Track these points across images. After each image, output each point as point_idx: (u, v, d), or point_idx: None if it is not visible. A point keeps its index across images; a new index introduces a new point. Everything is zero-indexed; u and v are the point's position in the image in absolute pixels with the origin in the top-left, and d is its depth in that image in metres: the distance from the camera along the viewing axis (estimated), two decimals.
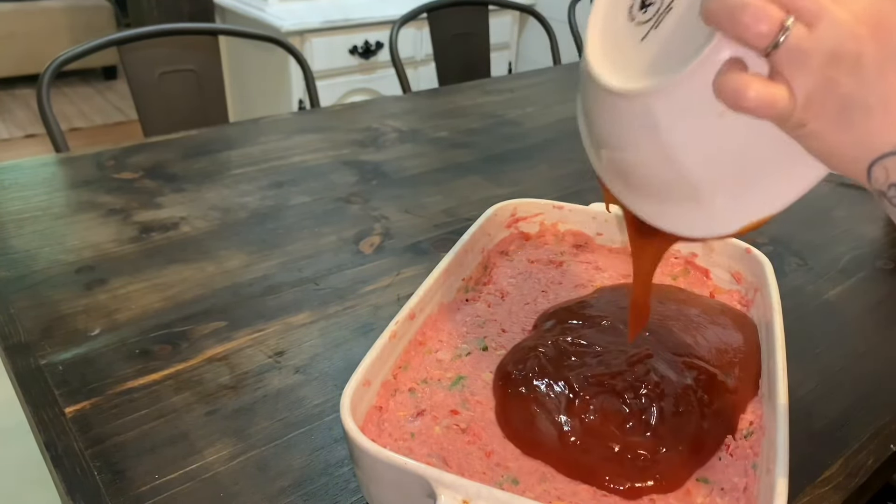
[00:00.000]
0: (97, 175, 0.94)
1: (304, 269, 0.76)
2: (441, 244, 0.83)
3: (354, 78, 2.42)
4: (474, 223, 0.67)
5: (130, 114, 3.24)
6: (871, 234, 0.91)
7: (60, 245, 0.77)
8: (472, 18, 1.77)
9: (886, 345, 0.70)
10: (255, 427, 0.55)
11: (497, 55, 2.41)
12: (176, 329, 0.65)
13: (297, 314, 0.69)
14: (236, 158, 1.02)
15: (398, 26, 1.58)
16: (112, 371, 0.60)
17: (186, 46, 1.29)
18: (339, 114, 1.25)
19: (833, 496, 0.52)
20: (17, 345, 0.62)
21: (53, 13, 3.46)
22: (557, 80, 1.56)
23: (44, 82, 1.09)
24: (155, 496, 0.48)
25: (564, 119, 1.27)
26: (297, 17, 2.24)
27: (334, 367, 0.62)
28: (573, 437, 0.48)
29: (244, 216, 0.86)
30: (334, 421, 0.56)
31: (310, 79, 1.39)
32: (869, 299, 0.77)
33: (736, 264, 0.65)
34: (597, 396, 0.50)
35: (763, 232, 0.89)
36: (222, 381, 0.59)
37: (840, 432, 0.58)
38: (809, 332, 0.70)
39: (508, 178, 1.02)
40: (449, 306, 0.61)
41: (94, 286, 0.71)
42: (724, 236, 0.40)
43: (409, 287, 0.72)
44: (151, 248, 0.78)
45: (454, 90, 1.41)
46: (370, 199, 0.93)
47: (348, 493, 0.50)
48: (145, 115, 1.26)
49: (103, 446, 0.52)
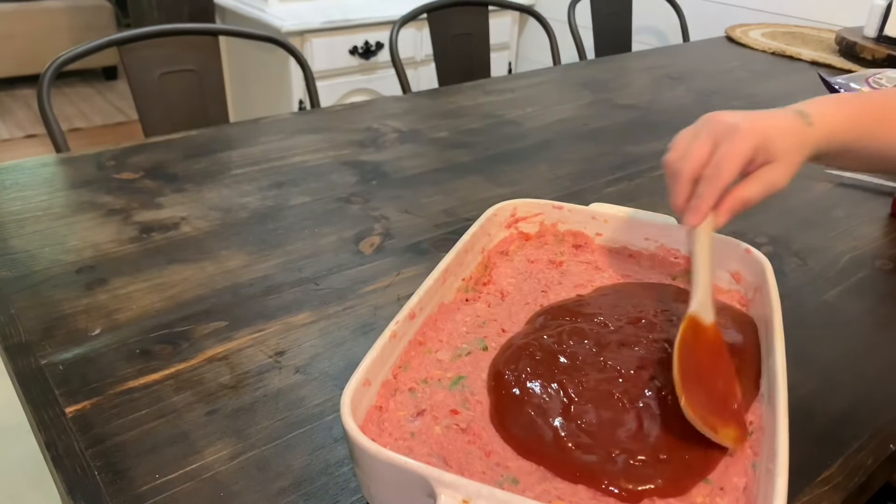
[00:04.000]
0: (97, 175, 0.94)
1: (304, 269, 0.76)
2: (441, 244, 0.83)
3: (354, 78, 2.42)
4: (474, 223, 0.67)
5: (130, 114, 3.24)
6: (870, 234, 0.91)
7: (61, 245, 0.77)
8: (472, 18, 1.77)
9: (886, 345, 0.70)
10: (255, 427, 0.55)
11: (497, 55, 2.41)
12: (176, 329, 0.65)
13: (297, 314, 0.69)
14: (236, 158, 1.02)
15: (398, 26, 1.58)
16: (112, 371, 0.60)
17: (186, 46, 1.29)
18: (339, 114, 1.25)
19: (833, 496, 0.52)
20: (18, 345, 0.62)
21: (53, 13, 3.46)
22: (557, 80, 1.56)
23: (44, 82, 1.09)
24: (155, 496, 0.48)
25: (564, 119, 1.28)
26: (298, 17, 2.24)
27: (334, 367, 0.62)
28: (570, 443, 0.47)
29: (244, 216, 0.86)
30: (334, 421, 0.56)
31: (310, 79, 1.39)
32: (869, 299, 0.77)
33: (736, 264, 0.65)
34: (593, 402, 0.50)
35: (763, 232, 0.89)
36: (222, 381, 0.59)
37: (840, 432, 0.58)
38: (809, 332, 0.70)
39: (508, 178, 1.02)
40: (449, 306, 0.61)
41: (94, 286, 0.71)
42: None
43: (409, 287, 0.72)
44: (152, 248, 0.78)
45: (454, 90, 1.41)
46: (370, 199, 0.93)
47: (348, 493, 0.50)
48: (145, 115, 1.26)
49: (104, 446, 0.52)
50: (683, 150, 0.54)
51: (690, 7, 2.35)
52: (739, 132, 0.52)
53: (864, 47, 1.73)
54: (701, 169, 0.53)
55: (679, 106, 1.40)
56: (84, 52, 1.15)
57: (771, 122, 0.54)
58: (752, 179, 0.54)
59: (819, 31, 2.06)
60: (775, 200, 1.00)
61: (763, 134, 0.53)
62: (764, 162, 0.54)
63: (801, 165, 0.55)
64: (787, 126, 0.54)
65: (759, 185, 0.54)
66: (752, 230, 0.89)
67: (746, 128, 0.52)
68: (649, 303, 0.62)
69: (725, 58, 1.80)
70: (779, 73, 1.69)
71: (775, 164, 0.54)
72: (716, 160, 0.53)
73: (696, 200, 0.54)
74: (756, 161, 0.53)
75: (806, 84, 1.57)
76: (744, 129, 0.52)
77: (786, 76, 1.66)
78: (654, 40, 2.58)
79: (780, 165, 0.54)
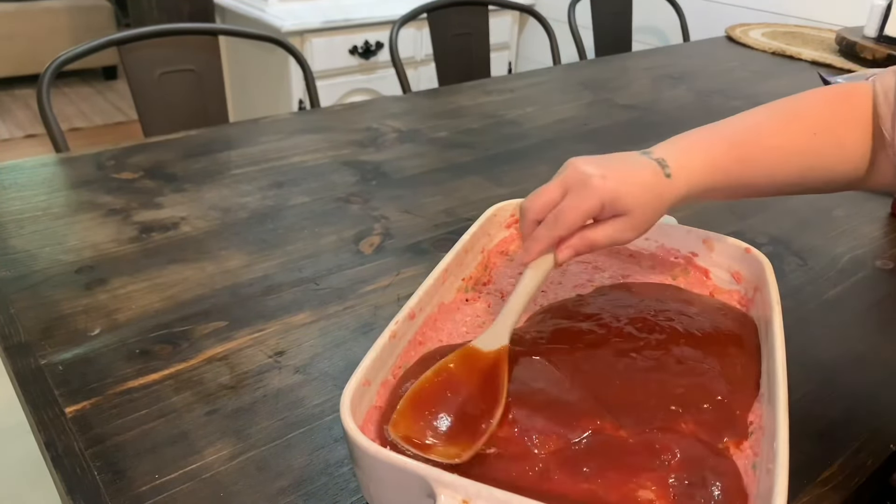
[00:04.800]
0: (97, 175, 0.94)
1: (304, 269, 0.76)
2: (441, 244, 0.83)
3: (354, 78, 2.42)
4: (474, 223, 0.67)
5: (130, 114, 3.24)
6: (871, 234, 0.91)
7: (60, 245, 0.77)
8: (472, 18, 1.77)
9: (886, 345, 0.70)
10: (255, 427, 0.55)
11: (497, 55, 2.41)
12: (176, 329, 0.65)
13: (297, 314, 0.69)
14: (236, 158, 1.02)
15: (398, 26, 1.58)
16: (112, 371, 0.60)
17: (186, 46, 1.29)
18: (339, 114, 1.25)
19: (832, 496, 0.52)
20: (17, 345, 0.62)
21: (53, 13, 3.46)
22: (557, 80, 1.56)
23: (44, 82, 1.09)
24: (155, 496, 0.48)
25: (564, 119, 1.28)
26: (298, 17, 2.24)
27: (334, 367, 0.62)
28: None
29: (244, 216, 0.86)
30: (334, 421, 0.56)
31: (310, 79, 1.39)
32: (869, 299, 0.77)
33: (736, 264, 0.65)
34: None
35: (763, 232, 0.89)
36: (222, 381, 0.59)
37: (840, 432, 0.58)
38: (809, 332, 0.70)
39: (508, 178, 1.02)
40: (449, 306, 0.61)
41: (94, 286, 0.71)
42: None
43: (409, 287, 0.72)
44: (151, 248, 0.78)
45: (454, 90, 1.41)
46: (370, 199, 0.93)
47: (348, 493, 0.50)
48: (145, 115, 1.26)
49: (103, 446, 0.52)
50: (538, 191, 0.55)
51: (690, 7, 2.35)
52: (588, 188, 0.53)
53: (864, 47, 1.73)
54: (544, 212, 0.55)
55: (679, 106, 1.39)
56: (84, 52, 1.15)
57: (626, 177, 0.54)
58: (603, 224, 0.55)
59: (819, 31, 2.06)
60: (775, 200, 1.01)
61: (612, 192, 0.53)
62: (612, 214, 0.54)
63: (655, 219, 0.56)
64: (642, 182, 0.55)
65: (607, 233, 0.55)
66: (752, 230, 0.89)
67: (597, 184, 0.53)
68: (649, 303, 0.62)
69: (726, 58, 1.80)
70: (779, 72, 1.69)
71: (625, 219, 0.54)
72: (559, 209, 0.54)
73: (530, 241, 0.55)
74: (604, 213, 0.54)
75: (806, 84, 1.56)
76: (594, 184, 0.53)
77: (786, 76, 1.66)
78: (654, 40, 2.58)
79: (629, 220, 0.54)
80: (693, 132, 0.60)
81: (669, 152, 0.57)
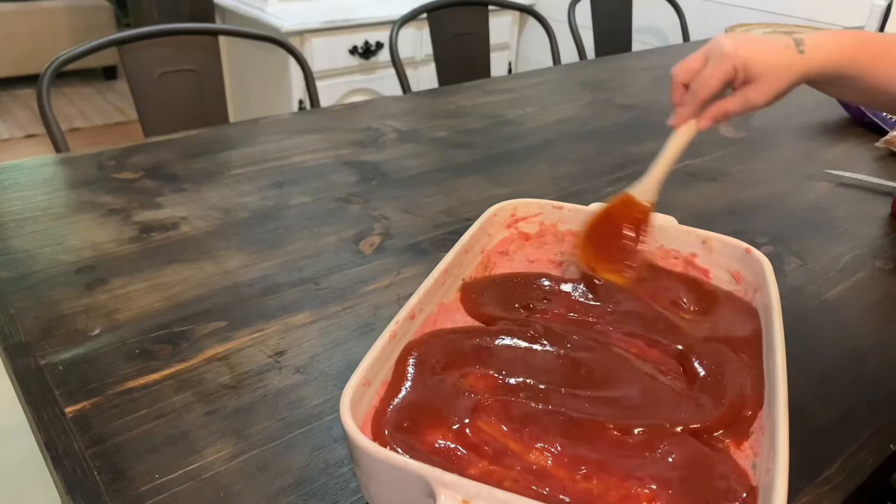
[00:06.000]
0: (97, 175, 0.94)
1: (304, 269, 0.76)
2: (441, 244, 0.83)
3: (354, 78, 2.42)
4: (474, 223, 0.67)
5: (130, 114, 3.24)
6: (870, 234, 0.91)
7: (60, 245, 0.77)
8: (472, 18, 1.77)
9: (886, 345, 0.70)
10: (255, 427, 0.55)
11: (497, 55, 2.41)
12: (176, 329, 0.65)
13: (297, 314, 0.69)
14: (236, 158, 1.02)
15: (398, 26, 1.58)
16: (112, 371, 0.60)
17: (186, 46, 1.29)
18: (338, 114, 1.25)
19: (832, 496, 0.52)
20: (18, 345, 0.62)
21: (53, 13, 3.46)
22: (557, 80, 1.56)
23: (44, 82, 1.09)
24: (155, 496, 0.48)
25: (564, 119, 1.28)
26: (298, 17, 2.24)
27: (334, 367, 0.62)
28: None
29: (244, 216, 0.86)
30: (334, 421, 0.56)
31: (310, 79, 1.39)
32: (869, 299, 0.77)
33: (736, 264, 0.65)
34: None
35: (763, 232, 0.89)
36: (222, 381, 0.59)
37: (840, 432, 0.58)
38: (809, 332, 0.70)
39: (508, 178, 1.02)
40: (449, 306, 0.61)
41: (94, 286, 0.71)
42: None
43: (409, 287, 0.72)
44: (151, 248, 0.78)
45: (454, 90, 1.41)
46: (370, 199, 0.93)
47: (348, 493, 0.50)
48: (145, 115, 1.26)
49: (103, 446, 0.52)
50: (684, 59, 0.64)
51: (690, 7, 2.35)
52: (723, 55, 0.61)
53: None
54: (688, 77, 0.63)
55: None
56: (84, 52, 1.15)
57: (759, 46, 0.60)
58: (735, 95, 0.62)
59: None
60: (775, 200, 1.01)
61: (743, 57, 0.60)
62: (745, 81, 0.61)
63: (785, 87, 0.61)
64: (773, 51, 0.60)
65: (738, 101, 0.62)
66: (752, 230, 0.89)
67: (730, 51, 0.60)
68: (649, 302, 0.62)
69: None
70: None
71: (754, 84, 0.61)
72: (701, 76, 0.62)
73: (680, 107, 0.65)
74: (738, 79, 0.61)
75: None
76: (727, 52, 0.60)
77: None
78: (654, 40, 2.58)
79: (758, 86, 0.61)
80: (836, 30, 0.64)
81: (808, 36, 0.62)
